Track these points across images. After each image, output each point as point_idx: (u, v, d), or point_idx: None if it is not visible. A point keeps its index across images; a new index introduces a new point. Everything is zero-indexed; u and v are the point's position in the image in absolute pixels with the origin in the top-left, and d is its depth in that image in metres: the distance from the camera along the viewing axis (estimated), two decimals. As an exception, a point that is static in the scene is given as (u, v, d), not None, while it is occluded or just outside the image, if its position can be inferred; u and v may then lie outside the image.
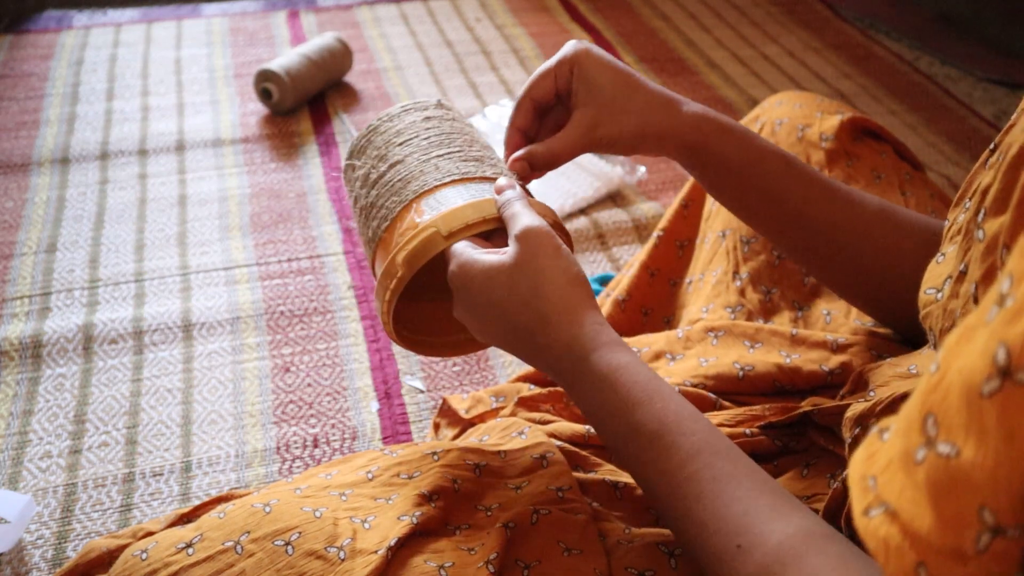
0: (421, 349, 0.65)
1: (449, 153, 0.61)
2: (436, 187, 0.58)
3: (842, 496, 0.48)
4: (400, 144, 0.62)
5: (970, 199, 0.45)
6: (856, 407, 0.49)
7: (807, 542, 0.40)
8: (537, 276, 0.51)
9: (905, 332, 0.64)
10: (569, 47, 0.61)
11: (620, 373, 0.48)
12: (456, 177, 0.59)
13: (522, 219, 0.53)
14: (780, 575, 0.39)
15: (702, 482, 0.44)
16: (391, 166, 0.61)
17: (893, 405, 0.47)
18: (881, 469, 0.30)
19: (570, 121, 0.60)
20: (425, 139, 0.62)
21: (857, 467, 0.31)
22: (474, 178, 0.59)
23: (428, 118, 0.64)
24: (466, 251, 0.54)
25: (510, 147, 0.63)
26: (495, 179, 0.59)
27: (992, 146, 0.44)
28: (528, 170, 0.61)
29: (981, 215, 0.39)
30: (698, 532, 0.43)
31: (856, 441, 0.49)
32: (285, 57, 1.45)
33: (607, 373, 0.49)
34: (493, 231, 0.57)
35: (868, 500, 0.30)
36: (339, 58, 1.52)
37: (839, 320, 0.69)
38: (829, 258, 0.62)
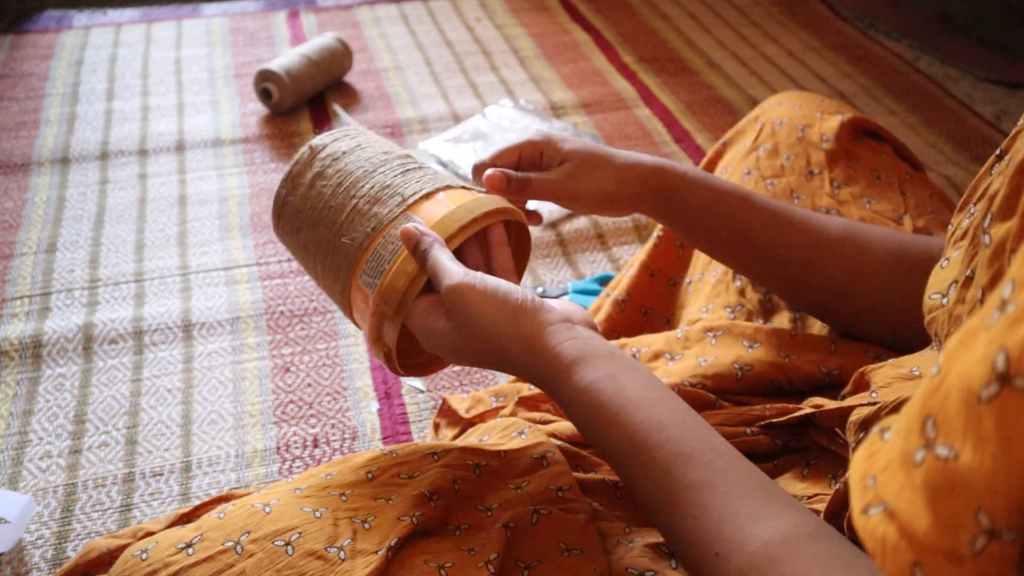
0: (424, 371, 0.65)
1: (354, 211, 0.59)
2: (362, 258, 0.57)
3: (844, 498, 0.48)
4: (313, 222, 0.60)
5: (975, 204, 0.45)
6: (861, 411, 0.49)
7: (784, 547, 0.40)
8: (480, 329, 0.51)
9: (881, 343, 0.64)
10: (535, 132, 0.64)
11: (585, 395, 0.49)
12: (372, 236, 0.57)
13: (443, 278, 0.52)
14: None
15: (675, 493, 0.44)
16: (318, 247, 0.61)
17: (898, 409, 0.47)
18: (881, 469, 0.30)
19: (553, 170, 0.63)
20: (328, 208, 0.60)
21: (858, 466, 0.32)
22: (389, 223, 0.57)
23: (318, 176, 0.61)
24: (418, 322, 0.55)
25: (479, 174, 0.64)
26: (409, 209, 0.58)
27: (998, 152, 0.44)
28: (504, 183, 0.61)
29: (988, 220, 0.39)
30: (679, 540, 0.44)
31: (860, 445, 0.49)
32: (285, 57, 1.45)
33: (574, 397, 0.49)
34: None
35: (867, 499, 0.30)
36: (339, 58, 1.52)
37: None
38: (800, 284, 0.64)
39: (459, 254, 0.58)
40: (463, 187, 0.61)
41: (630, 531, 0.54)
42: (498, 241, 0.60)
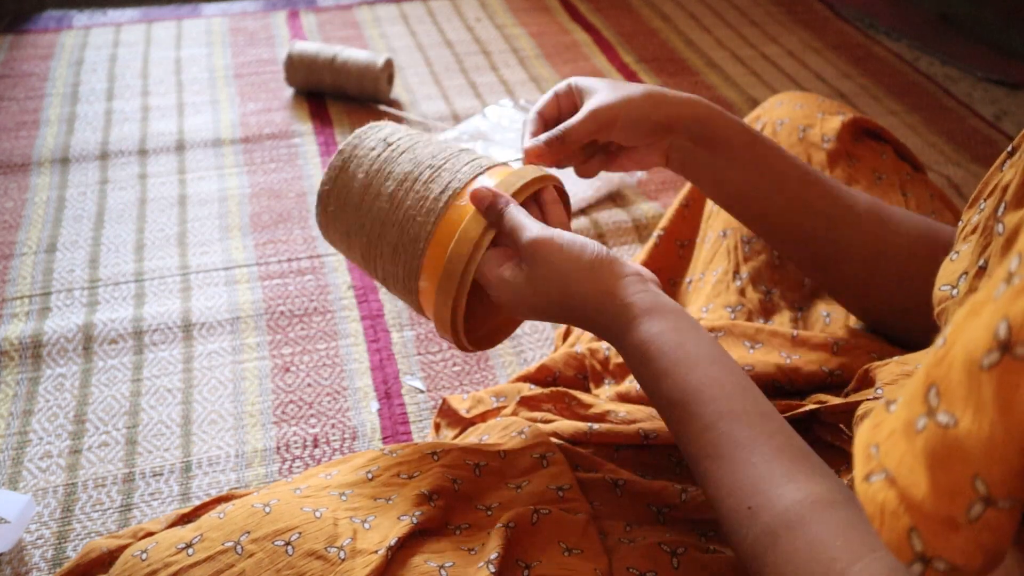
0: (490, 342, 0.66)
1: (408, 206, 0.61)
2: (426, 249, 0.60)
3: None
4: (365, 220, 0.63)
5: (985, 200, 0.45)
6: (867, 405, 0.49)
7: (814, 508, 0.41)
8: (557, 280, 0.54)
9: (892, 333, 0.64)
10: (565, 82, 0.65)
11: (648, 346, 0.51)
12: (433, 226, 0.60)
13: (522, 232, 0.55)
14: (784, 537, 0.41)
15: (720, 447, 0.46)
16: (374, 245, 0.63)
17: None
18: (884, 438, 0.31)
19: (583, 106, 0.63)
20: (379, 207, 0.62)
21: (863, 436, 0.32)
22: (443, 212, 0.60)
23: (360, 173, 0.64)
24: (491, 272, 0.57)
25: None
26: (458, 195, 0.60)
27: (1010, 148, 0.45)
28: (545, 151, 0.63)
29: (1001, 209, 0.40)
30: (717, 492, 0.45)
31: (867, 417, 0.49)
32: (315, 44, 1.51)
33: (638, 346, 0.51)
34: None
35: (870, 466, 0.31)
36: (370, 78, 1.48)
37: (839, 321, 0.69)
38: (824, 248, 0.63)
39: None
40: (502, 164, 0.63)
41: (631, 531, 0.54)
42: (551, 200, 0.61)
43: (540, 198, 0.62)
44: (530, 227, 0.55)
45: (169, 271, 1.12)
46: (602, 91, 0.62)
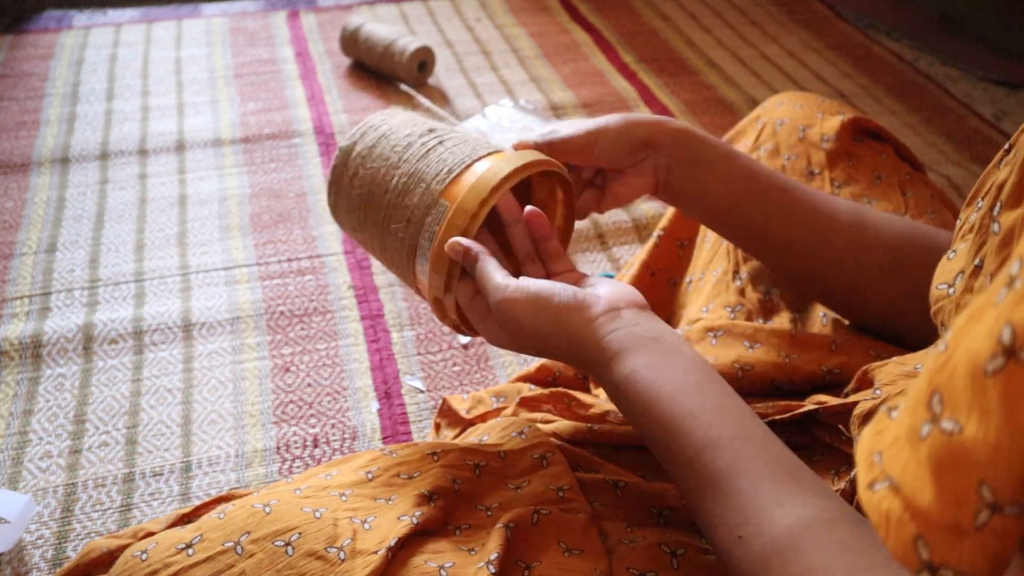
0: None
1: (395, 207, 0.62)
2: (415, 244, 0.61)
3: (850, 497, 0.48)
4: (362, 221, 0.65)
5: (983, 198, 0.45)
6: (864, 405, 0.49)
7: (806, 533, 0.41)
8: (529, 332, 0.54)
9: (886, 332, 0.64)
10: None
11: (625, 385, 0.51)
12: (416, 226, 0.61)
13: (489, 293, 0.55)
14: (778, 565, 0.40)
15: (703, 478, 0.46)
16: (375, 243, 0.65)
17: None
18: (887, 445, 0.31)
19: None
20: (371, 207, 0.64)
21: (865, 443, 0.32)
22: (432, 204, 0.60)
23: (355, 176, 0.65)
24: (467, 306, 0.59)
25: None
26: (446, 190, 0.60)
27: (1007, 146, 0.45)
28: (532, 148, 0.63)
29: (997, 209, 0.40)
30: (709, 523, 0.45)
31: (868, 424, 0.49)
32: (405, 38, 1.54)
33: (615, 385, 0.52)
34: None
35: (873, 475, 0.31)
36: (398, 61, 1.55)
37: (837, 321, 0.69)
38: (805, 251, 0.64)
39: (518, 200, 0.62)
40: (495, 152, 0.62)
41: (631, 531, 0.54)
42: (512, 220, 0.62)
43: (501, 218, 0.62)
44: (495, 287, 0.55)
45: (169, 271, 1.12)
46: (579, 120, 0.64)
